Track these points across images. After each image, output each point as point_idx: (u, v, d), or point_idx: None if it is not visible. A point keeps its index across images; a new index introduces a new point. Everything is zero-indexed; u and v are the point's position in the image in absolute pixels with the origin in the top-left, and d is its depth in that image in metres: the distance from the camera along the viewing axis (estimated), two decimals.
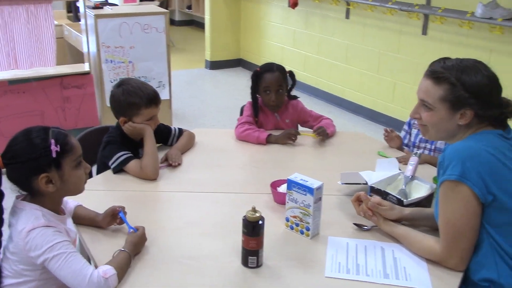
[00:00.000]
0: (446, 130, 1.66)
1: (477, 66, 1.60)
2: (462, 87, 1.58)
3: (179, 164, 2.29)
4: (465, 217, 1.54)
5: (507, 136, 1.62)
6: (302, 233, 1.77)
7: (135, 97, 2.20)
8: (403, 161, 2.32)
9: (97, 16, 4.01)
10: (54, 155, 1.52)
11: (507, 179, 1.53)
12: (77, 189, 1.65)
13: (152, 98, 2.23)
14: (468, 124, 1.62)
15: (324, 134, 2.61)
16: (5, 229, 1.58)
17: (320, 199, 1.74)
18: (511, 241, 1.55)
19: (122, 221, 1.75)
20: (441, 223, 1.60)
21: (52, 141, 1.52)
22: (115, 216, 1.76)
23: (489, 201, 1.52)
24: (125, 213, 1.77)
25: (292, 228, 1.80)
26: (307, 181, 1.73)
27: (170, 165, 2.28)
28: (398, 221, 1.78)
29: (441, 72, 1.61)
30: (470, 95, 1.58)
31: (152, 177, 2.16)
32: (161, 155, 2.31)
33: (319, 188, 1.72)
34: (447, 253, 1.58)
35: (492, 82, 1.60)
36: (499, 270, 1.55)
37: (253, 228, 1.56)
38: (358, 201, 1.83)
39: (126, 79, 2.33)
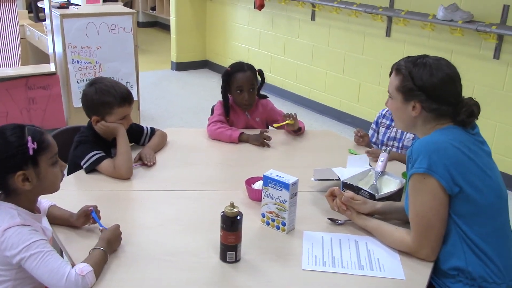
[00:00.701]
0: (403, 120, 1.79)
1: (435, 64, 1.70)
2: (411, 80, 1.70)
3: (154, 164, 2.29)
4: (434, 208, 1.60)
5: (471, 132, 1.70)
6: (278, 228, 1.81)
7: (108, 96, 2.19)
8: (372, 154, 2.39)
9: (63, 16, 3.95)
10: (31, 152, 1.50)
11: (471, 172, 1.61)
12: (53, 187, 1.63)
13: (125, 97, 2.22)
14: (425, 118, 1.72)
15: (291, 116, 2.64)
16: None
17: (295, 194, 1.77)
18: (477, 231, 1.62)
19: (95, 221, 1.74)
20: (411, 215, 1.66)
21: (29, 138, 1.50)
22: (88, 216, 1.75)
23: (455, 193, 1.59)
24: (98, 211, 1.76)
25: (268, 223, 1.83)
26: (282, 177, 1.77)
27: (144, 165, 2.27)
28: (370, 215, 1.84)
29: (400, 64, 1.75)
30: (417, 88, 1.69)
31: (125, 177, 2.15)
32: (134, 154, 2.31)
33: (295, 184, 1.76)
34: (418, 244, 1.64)
35: (442, 81, 1.68)
36: (467, 259, 1.62)
37: (231, 223, 1.58)
38: (332, 196, 1.88)
39: (99, 78, 2.31)
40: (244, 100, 2.73)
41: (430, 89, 1.68)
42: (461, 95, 1.73)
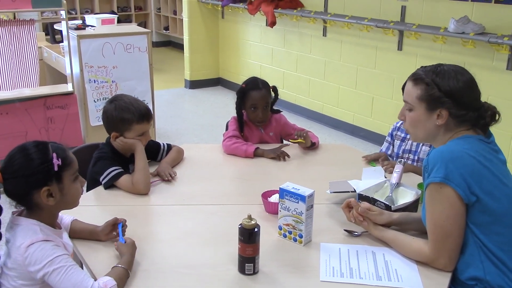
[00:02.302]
0: (425, 129, 1.75)
1: (454, 70, 1.71)
2: (436, 86, 1.68)
3: (173, 178, 2.33)
4: (451, 218, 1.61)
5: (487, 140, 1.71)
6: (295, 240, 1.82)
7: (127, 113, 2.23)
8: (388, 165, 2.40)
9: (80, 37, 4.04)
10: (56, 168, 1.54)
11: (487, 180, 1.61)
12: (74, 203, 1.68)
13: (144, 114, 2.27)
14: (447, 126, 1.71)
15: (302, 135, 2.67)
16: (1, 244, 1.59)
17: (311, 206, 1.79)
18: (494, 240, 1.62)
19: (117, 234, 1.77)
20: (428, 225, 1.66)
21: (54, 154, 1.55)
22: (115, 226, 1.79)
23: (472, 202, 1.59)
24: (125, 226, 1.79)
25: (285, 236, 1.85)
26: (298, 189, 1.79)
27: (163, 180, 2.31)
28: (387, 225, 1.85)
29: (419, 74, 1.74)
30: (444, 94, 1.67)
31: (143, 192, 2.18)
32: (152, 170, 2.34)
33: (311, 196, 1.77)
34: (436, 254, 1.64)
35: (467, 85, 1.69)
36: (485, 268, 1.62)
37: (249, 235, 1.60)
38: (348, 207, 1.89)
39: (119, 95, 2.36)
40: (258, 117, 2.77)
41: (458, 94, 1.67)
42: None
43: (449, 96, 1.67)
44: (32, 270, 1.50)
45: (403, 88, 2.53)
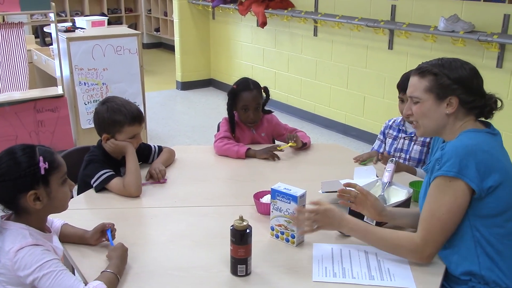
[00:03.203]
0: (435, 120, 1.75)
1: (456, 60, 1.74)
2: (445, 76, 1.70)
3: (164, 179, 2.32)
4: (452, 211, 1.62)
5: (493, 132, 1.73)
6: (287, 241, 1.82)
7: (119, 115, 2.22)
8: (382, 158, 2.41)
9: (69, 39, 4.02)
10: (42, 172, 1.53)
11: (500, 173, 1.61)
12: (63, 206, 1.66)
13: (136, 116, 2.26)
14: (456, 115, 1.72)
15: (293, 137, 2.67)
16: None
17: (303, 206, 1.79)
18: (496, 233, 1.63)
19: (107, 239, 1.76)
20: (425, 214, 1.66)
21: (41, 158, 1.53)
22: (104, 233, 1.77)
23: (484, 195, 1.60)
24: (113, 230, 1.78)
25: (277, 236, 1.84)
26: (290, 190, 1.78)
27: (155, 182, 2.30)
28: (378, 217, 1.84)
29: (424, 67, 1.75)
30: (453, 81, 1.69)
31: (135, 195, 2.17)
32: (143, 172, 2.33)
33: (303, 196, 1.77)
34: (425, 243, 1.64)
35: (473, 71, 1.73)
36: (481, 263, 1.63)
37: (241, 237, 1.60)
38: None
39: (111, 96, 2.35)
40: (249, 118, 2.76)
41: (467, 81, 1.70)
42: None
43: (458, 83, 1.69)
44: (22, 275, 1.49)
45: (399, 87, 2.55)
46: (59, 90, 4.01)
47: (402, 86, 2.53)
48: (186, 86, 7.24)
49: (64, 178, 1.63)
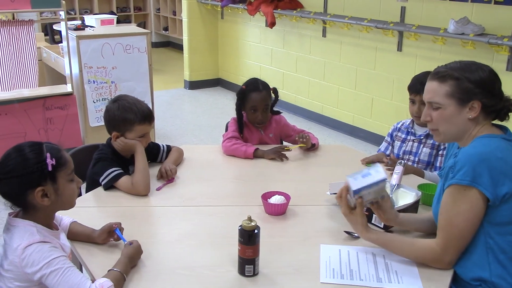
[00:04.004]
0: (456, 125, 1.71)
1: (475, 63, 1.71)
2: (466, 80, 1.67)
3: (172, 173, 2.33)
4: (469, 220, 1.61)
5: (509, 138, 1.70)
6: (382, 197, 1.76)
7: (130, 113, 2.23)
8: (390, 162, 2.40)
9: (79, 37, 4.04)
10: (50, 168, 1.54)
11: None
12: (70, 203, 1.66)
13: (146, 115, 2.27)
14: (477, 119, 1.69)
15: (304, 137, 2.66)
16: None
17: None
18: (510, 240, 1.62)
19: (118, 238, 1.77)
20: (442, 223, 1.65)
21: (48, 154, 1.54)
22: (111, 233, 1.78)
23: (498, 203, 1.58)
24: (121, 229, 1.79)
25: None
26: (369, 174, 1.71)
27: (170, 181, 2.31)
28: (391, 221, 1.83)
29: (443, 71, 1.71)
30: (475, 86, 1.66)
31: (143, 193, 2.18)
32: (151, 171, 2.33)
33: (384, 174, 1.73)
34: (444, 251, 1.64)
35: (493, 74, 1.70)
36: (492, 270, 1.62)
37: (249, 237, 1.60)
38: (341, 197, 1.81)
39: (122, 95, 2.36)
40: (257, 119, 2.76)
41: (489, 84, 1.67)
42: None
43: (480, 86, 1.66)
44: (29, 272, 1.49)
45: (410, 88, 2.54)
46: (68, 88, 4.03)
47: (414, 87, 2.52)
48: (194, 85, 7.25)
49: (72, 175, 1.63)
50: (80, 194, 2.28)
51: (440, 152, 2.53)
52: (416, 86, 2.52)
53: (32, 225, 1.57)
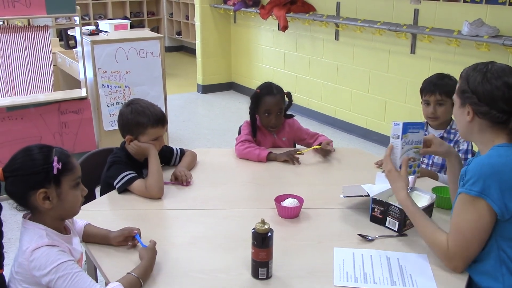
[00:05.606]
0: (461, 125, 1.76)
1: (496, 69, 1.64)
2: (466, 82, 1.68)
3: (190, 182, 2.34)
4: (476, 230, 1.59)
5: None
6: (414, 172, 1.94)
7: (143, 117, 2.25)
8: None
9: (93, 42, 4.08)
10: (55, 171, 1.54)
11: None
12: (73, 210, 1.66)
13: (159, 119, 2.28)
14: (479, 125, 1.66)
15: (327, 147, 2.66)
16: (3, 242, 1.59)
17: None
18: None
19: (135, 244, 1.78)
20: (453, 227, 1.65)
21: (55, 158, 1.55)
22: (128, 238, 1.78)
23: (507, 218, 1.56)
24: (140, 235, 1.79)
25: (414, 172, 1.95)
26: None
27: (179, 184, 2.32)
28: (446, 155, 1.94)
29: (464, 70, 1.73)
30: (470, 90, 1.66)
31: (157, 196, 2.19)
32: (165, 175, 2.35)
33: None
34: (453, 254, 1.64)
35: (498, 85, 1.61)
36: (505, 281, 1.60)
37: (262, 240, 1.60)
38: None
39: (136, 99, 2.38)
40: (271, 123, 2.76)
41: (482, 91, 1.63)
42: None
43: (473, 92, 1.65)
44: (37, 275, 1.50)
45: (422, 90, 2.56)
46: (82, 93, 4.07)
47: (428, 88, 2.52)
48: (207, 89, 7.28)
49: (77, 182, 1.63)
50: (94, 198, 2.31)
51: None
52: (430, 87, 2.51)
53: (42, 228, 1.57)
